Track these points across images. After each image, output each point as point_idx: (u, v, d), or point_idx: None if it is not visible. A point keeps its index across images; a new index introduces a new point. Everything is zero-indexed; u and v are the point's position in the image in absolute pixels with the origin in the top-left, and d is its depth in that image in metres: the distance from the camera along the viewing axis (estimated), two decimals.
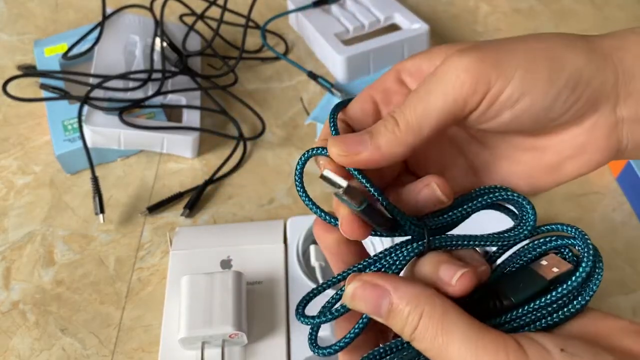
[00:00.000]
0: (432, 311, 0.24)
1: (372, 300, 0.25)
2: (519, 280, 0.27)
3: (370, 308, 0.25)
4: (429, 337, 0.24)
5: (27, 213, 0.61)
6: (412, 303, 0.25)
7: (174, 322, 0.49)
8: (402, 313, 0.25)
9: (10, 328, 0.52)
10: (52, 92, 0.66)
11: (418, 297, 0.25)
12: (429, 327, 0.24)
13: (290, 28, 0.80)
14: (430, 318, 0.24)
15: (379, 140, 0.26)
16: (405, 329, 0.24)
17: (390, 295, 0.25)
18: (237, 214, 0.60)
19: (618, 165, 0.61)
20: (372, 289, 0.25)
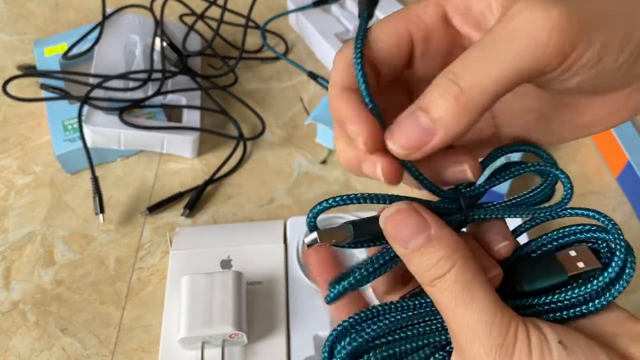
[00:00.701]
0: (466, 267, 0.23)
1: (410, 227, 0.24)
2: (538, 268, 0.26)
3: (403, 234, 0.24)
4: (453, 290, 0.23)
5: (27, 213, 0.61)
6: (450, 249, 0.23)
7: (174, 322, 0.49)
8: (434, 255, 0.23)
9: (10, 328, 0.52)
10: (52, 92, 0.66)
11: (457, 247, 0.23)
12: (458, 281, 0.23)
13: (290, 28, 0.80)
14: (463, 273, 0.23)
15: (444, 120, 0.22)
16: (431, 271, 0.23)
17: (429, 232, 0.23)
18: (237, 214, 0.60)
19: (618, 165, 0.61)
20: (416, 217, 0.24)
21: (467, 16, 0.24)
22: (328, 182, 0.62)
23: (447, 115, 0.22)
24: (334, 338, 0.25)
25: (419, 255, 0.24)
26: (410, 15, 0.24)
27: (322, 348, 0.26)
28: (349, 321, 0.25)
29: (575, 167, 0.63)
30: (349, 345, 0.25)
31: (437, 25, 0.24)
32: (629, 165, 0.59)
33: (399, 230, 0.24)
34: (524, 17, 0.21)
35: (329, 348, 0.25)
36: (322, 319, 0.50)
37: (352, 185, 0.62)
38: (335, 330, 0.25)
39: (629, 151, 0.60)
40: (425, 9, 0.24)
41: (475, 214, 0.26)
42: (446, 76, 0.22)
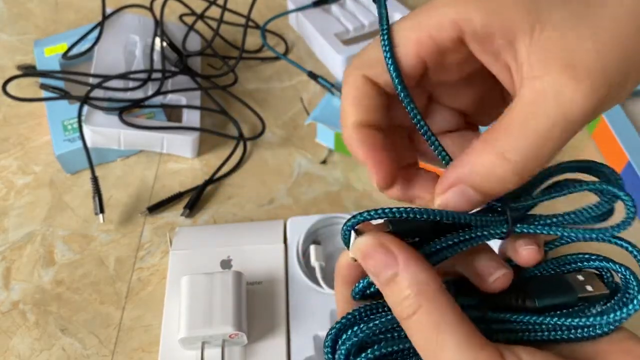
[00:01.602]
0: (432, 308, 0.23)
1: (376, 262, 0.24)
2: (548, 286, 0.26)
3: (371, 269, 0.24)
4: (422, 332, 0.23)
5: (27, 213, 0.61)
6: (414, 289, 0.23)
7: (174, 322, 0.49)
8: (400, 292, 0.23)
9: (10, 328, 0.52)
10: (52, 92, 0.66)
11: (422, 288, 0.23)
12: (425, 323, 0.23)
13: (290, 28, 0.80)
14: (429, 314, 0.23)
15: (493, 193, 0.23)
16: (398, 308, 0.23)
17: (397, 269, 0.23)
18: (237, 214, 0.60)
19: (618, 165, 0.61)
20: (383, 253, 0.24)
21: (489, 44, 0.23)
22: (328, 182, 0.62)
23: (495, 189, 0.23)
24: (337, 330, 0.25)
25: (388, 290, 0.24)
26: (422, 36, 0.24)
27: (323, 343, 0.25)
28: (355, 313, 0.25)
29: None
30: (354, 336, 0.24)
31: (452, 46, 0.24)
32: (629, 165, 0.59)
33: (369, 265, 0.24)
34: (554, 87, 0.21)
35: (332, 340, 0.25)
36: (322, 319, 0.50)
37: (352, 185, 0.62)
38: (339, 323, 0.25)
39: (629, 151, 0.60)
40: (440, 28, 0.23)
41: (520, 228, 0.26)
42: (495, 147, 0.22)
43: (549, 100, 0.21)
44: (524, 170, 0.22)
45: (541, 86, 0.21)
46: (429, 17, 0.23)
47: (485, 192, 0.23)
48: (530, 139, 0.22)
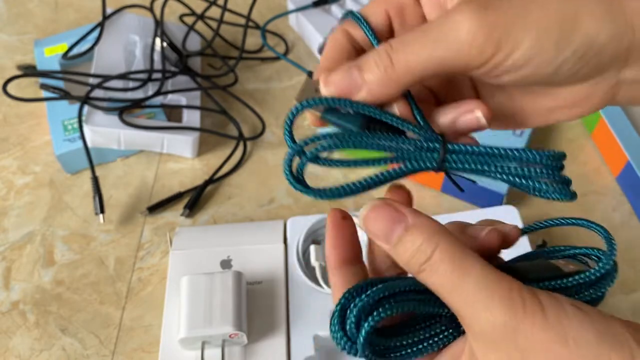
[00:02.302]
0: (449, 245, 0.23)
1: (385, 222, 0.25)
2: (536, 267, 0.27)
3: (382, 229, 0.25)
4: (442, 270, 0.23)
5: (27, 213, 0.61)
6: (427, 233, 0.24)
7: (174, 322, 0.49)
8: (414, 241, 0.24)
9: (10, 328, 0.52)
10: (52, 92, 0.66)
11: (435, 230, 0.24)
12: (445, 259, 0.23)
13: (290, 28, 0.80)
14: (447, 251, 0.23)
15: (371, 81, 0.25)
16: (415, 258, 0.24)
17: (406, 221, 0.24)
18: (237, 214, 0.60)
19: (618, 165, 0.61)
20: (390, 210, 0.25)
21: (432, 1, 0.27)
22: (328, 182, 0.62)
23: (374, 80, 0.25)
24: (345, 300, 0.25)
25: (402, 245, 0.24)
26: None
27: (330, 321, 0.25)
28: (363, 283, 0.25)
29: (575, 167, 0.63)
30: (366, 297, 0.24)
31: (410, 6, 0.28)
32: (628, 165, 0.59)
33: (378, 227, 0.25)
34: (457, 17, 0.24)
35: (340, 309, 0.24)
36: (322, 319, 0.50)
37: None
38: (348, 292, 0.25)
39: (628, 151, 0.60)
40: None
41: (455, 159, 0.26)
42: (385, 47, 0.25)
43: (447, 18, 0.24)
44: (396, 74, 0.24)
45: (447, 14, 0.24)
46: None
47: (364, 80, 0.25)
48: (416, 51, 0.24)
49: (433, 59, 0.24)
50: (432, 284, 0.24)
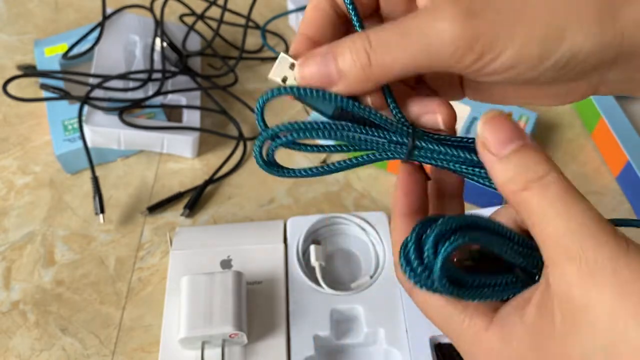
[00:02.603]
0: (562, 174, 0.23)
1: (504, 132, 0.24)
2: None
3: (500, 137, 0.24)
4: (555, 189, 0.22)
5: (27, 213, 0.61)
6: (546, 156, 0.23)
7: (174, 322, 0.49)
8: (533, 157, 0.23)
9: (10, 328, 0.52)
10: (52, 92, 0.66)
11: (550, 159, 0.23)
12: (560, 181, 0.22)
13: (290, 28, 0.80)
14: (561, 176, 0.23)
15: (348, 79, 0.25)
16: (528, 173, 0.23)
17: (526, 140, 0.24)
18: (237, 214, 0.60)
19: (618, 165, 0.61)
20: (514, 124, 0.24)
21: None
22: (328, 182, 0.62)
23: (351, 76, 0.25)
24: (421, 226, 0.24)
25: (516, 157, 0.23)
26: None
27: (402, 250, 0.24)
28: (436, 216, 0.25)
29: (575, 167, 0.63)
30: (445, 222, 0.23)
31: None
32: (628, 165, 0.59)
33: (497, 133, 0.24)
34: (440, 22, 0.23)
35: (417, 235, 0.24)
36: (322, 319, 0.50)
37: (352, 185, 0.62)
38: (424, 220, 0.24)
39: (628, 151, 0.60)
40: None
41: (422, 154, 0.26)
42: (363, 41, 0.24)
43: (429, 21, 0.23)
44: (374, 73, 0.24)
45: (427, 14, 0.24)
46: None
47: (341, 74, 0.25)
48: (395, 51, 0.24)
49: (412, 62, 0.24)
50: (537, 203, 0.22)
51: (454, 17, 0.23)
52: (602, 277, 0.21)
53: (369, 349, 0.51)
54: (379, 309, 0.50)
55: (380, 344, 0.50)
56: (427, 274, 0.23)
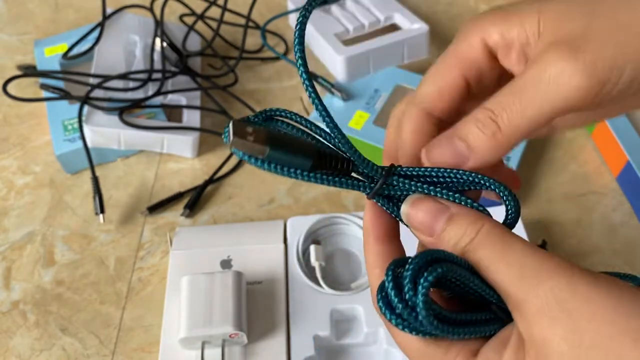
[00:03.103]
0: (494, 225, 0.24)
1: (429, 215, 0.25)
2: None
3: (426, 222, 0.25)
4: (489, 243, 0.23)
5: (27, 213, 0.61)
6: (472, 217, 0.24)
7: (174, 322, 0.49)
8: (460, 227, 0.24)
9: (10, 328, 0.52)
10: (52, 92, 0.66)
11: (478, 214, 0.25)
12: (491, 234, 0.24)
13: (290, 28, 0.80)
14: (492, 228, 0.24)
15: (479, 151, 0.25)
16: (462, 239, 0.24)
17: (449, 210, 0.25)
18: (237, 214, 0.60)
19: (618, 165, 0.61)
20: (431, 202, 0.25)
21: (508, 50, 0.26)
22: None
23: (483, 146, 0.25)
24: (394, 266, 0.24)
25: (447, 234, 0.25)
26: (462, 60, 0.27)
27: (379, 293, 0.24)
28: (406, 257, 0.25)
29: (575, 167, 0.63)
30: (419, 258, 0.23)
31: (486, 63, 0.27)
32: (628, 165, 0.59)
33: (421, 221, 0.25)
34: (552, 67, 0.23)
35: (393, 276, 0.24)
36: (322, 319, 0.50)
37: None
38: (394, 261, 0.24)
39: (628, 151, 0.60)
40: (473, 48, 0.27)
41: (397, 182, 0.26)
42: (485, 113, 0.25)
43: (540, 71, 0.24)
44: (506, 136, 0.24)
45: (539, 66, 0.24)
46: (461, 44, 0.27)
47: (472, 149, 0.25)
48: (521, 110, 0.24)
49: (539, 114, 0.24)
50: (479, 259, 0.24)
51: (564, 57, 0.23)
52: (550, 313, 0.22)
53: (369, 349, 0.51)
54: None
55: (380, 344, 0.50)
56: (409, 312, 0.23)
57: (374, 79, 0.70)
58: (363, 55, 0.70)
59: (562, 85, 0.23)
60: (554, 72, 0.23)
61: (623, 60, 0.23)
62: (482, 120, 0.25)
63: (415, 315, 0.23)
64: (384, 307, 0.24)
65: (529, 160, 0.63)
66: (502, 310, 0.25)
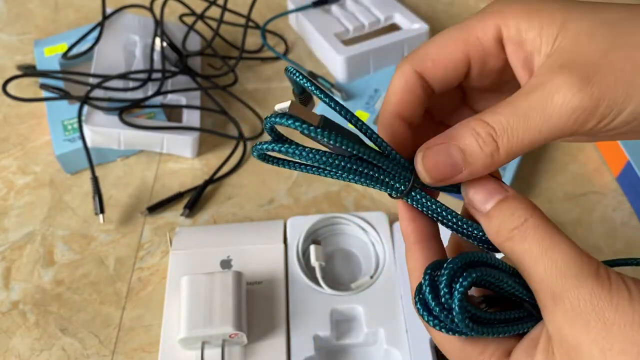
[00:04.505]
0: (543, 218, 0.24)
1: (486, 189, 0.25)
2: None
3: (482, 195, 0.25)
4: (533, 236, 0.23)
5: (27, 213, 0.61)
6: (525, 203, 0.24)
7: (174, 322, 0.49)
8: (510, 207, 0.24)
9: (10, 328, 0.52)
10: (52, 92, 0.66)
11: (531, 204, 0.24)
12: (538, 227, 0.23)
13: (290, 28, 0.80)
14: (540, 220, 0.24)
15: (475, 166, 0.25)
16: (507, 223, 0.24)
17: (506, 192, 0.25)
18: (237, 214, 0.60)
19: (618, 165, 0.61)
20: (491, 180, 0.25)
21: (518, 49, 0.26)
22: (328, 182, 0.62)
23: (479, 163, 0.25)
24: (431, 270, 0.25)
25: (497, 210, 0.25)
26: (470, 37, 0.27)
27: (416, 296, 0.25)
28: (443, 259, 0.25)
29: (575, 167, 0.63)
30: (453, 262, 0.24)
31: (493, 50, 0.27)
32: (628, 165, 0.59)
33: (478, 192, 0.25)
34: (562, 96, 0.23)
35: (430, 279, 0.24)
36: (322, 319, 0.50)
37: (352, 185, 0.62)
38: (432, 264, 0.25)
39: (628, 151, 0.60)
40: (486, 31, 0.26)
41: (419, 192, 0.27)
42: (486, 129, 0.24)
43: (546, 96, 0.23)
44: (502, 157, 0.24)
45: (546, 90, 0.23)
46: (475, 23, 0.27)
47: (468, 162, 0.25)
48: (521, 134, 0.24)
49: (537, 139, 0.24)
50: (520, 251, 0.24)
51: (572, 87, 0.23)
52: (586, 317, 0.22)
53: (369, 349, 0.51)
54: (379, 309, 0.50)
55: (380, 344, 0.50)
56: (446, 314, 0.24)
57: (373, 79, 0.70)
58: (363, 55, 0.70)
59: (564, 114, 0.23)
60: (560, 100, 0.23)
61: (628, 99, 0.23)
62: (483, 136, 0.24)
63: (451, 318, 0.24)
64: (422, 309, 0.25)
65: (529, 160, 0.63)
66: (534, 307, 0.25)
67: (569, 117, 0.23)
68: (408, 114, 0.27)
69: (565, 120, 0.23)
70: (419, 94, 0.27)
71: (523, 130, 0.24)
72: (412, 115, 0.28)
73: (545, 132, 0.24)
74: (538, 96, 0.24)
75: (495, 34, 0.26)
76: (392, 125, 0.27)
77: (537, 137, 0.24)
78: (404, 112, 0.27)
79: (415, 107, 0.27)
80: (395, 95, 0.27)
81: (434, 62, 0.27)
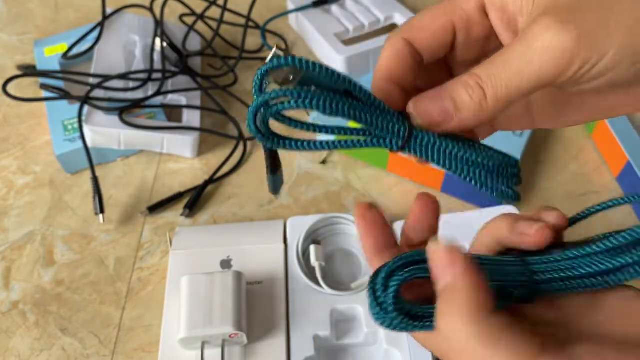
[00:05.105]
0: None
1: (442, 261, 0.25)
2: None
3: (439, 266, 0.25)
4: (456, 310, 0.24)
5: (27, 213, 0.61)
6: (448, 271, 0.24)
7: (174, 322, 0.49)
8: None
9: (10, 328, 0.52)
10: (52, 92, 0.66)
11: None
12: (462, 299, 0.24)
13: (290, 28, 0.80)
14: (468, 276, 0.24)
15: (465, 113, 0.25)
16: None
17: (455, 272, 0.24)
18: (237, 214, 0.60)
19: (618, 165, 0.61)
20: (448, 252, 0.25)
21: (501, 13, 0.27)
22: (328, 182, 0.62)
23: (469, 110, 0.25)
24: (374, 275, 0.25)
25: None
26: (455, 7, 0.28)
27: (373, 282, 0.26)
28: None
29: (575, 167, 0.63)
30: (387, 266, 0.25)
31: (477, 18, 0.28)
32: (628, 165, 0.59)
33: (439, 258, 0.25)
34: (542, 36, 0.24)
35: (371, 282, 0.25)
36: (322, 319, 0.50)
37: (352, 185, 0.62)
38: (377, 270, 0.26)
39: (628, 151, 0.60)
40: (469, 0, 0.28)
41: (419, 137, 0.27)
42: (474, 78, 0.25)
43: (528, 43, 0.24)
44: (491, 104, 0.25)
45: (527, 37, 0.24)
46: None
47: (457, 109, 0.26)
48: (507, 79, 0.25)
49: (524, 84, 0.25)
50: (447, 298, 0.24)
51: (552, 29, 0.24)
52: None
53: (369, 349, 0.51)
54: None
55: (380, 344, 0.50)
56: (379, 310, 0.25)
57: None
58: (363, 55, 0.70)
59: (546, 56, 0.24)
60: (541, 44, 0.24)
61: (609, 42, 0.24)
62: (471, 85, 0.25)
63: (386, 314, 0.25)
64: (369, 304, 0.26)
65: (529, 160, 0.63)
66: None
67: (550, 60, 0.24)
68: (399, 80, 0.28)
69: (547, 64, 0.24)
70: (409, 60, 0.28)
71: (506, 76, 0.25)
72: (403, 81, 0.28)
73: (527, 77, 0.24)
74: (520, 43, 0.25)
75: (478, 3, 0.28)
76: (385, 88, 0.28)
77: (520, 83, 0.24)
78: (395, 78, 0.28)
79: (406, 73, 0.28)
80: (386, 61, 0.28)
81: (420, 30, 0.28)
